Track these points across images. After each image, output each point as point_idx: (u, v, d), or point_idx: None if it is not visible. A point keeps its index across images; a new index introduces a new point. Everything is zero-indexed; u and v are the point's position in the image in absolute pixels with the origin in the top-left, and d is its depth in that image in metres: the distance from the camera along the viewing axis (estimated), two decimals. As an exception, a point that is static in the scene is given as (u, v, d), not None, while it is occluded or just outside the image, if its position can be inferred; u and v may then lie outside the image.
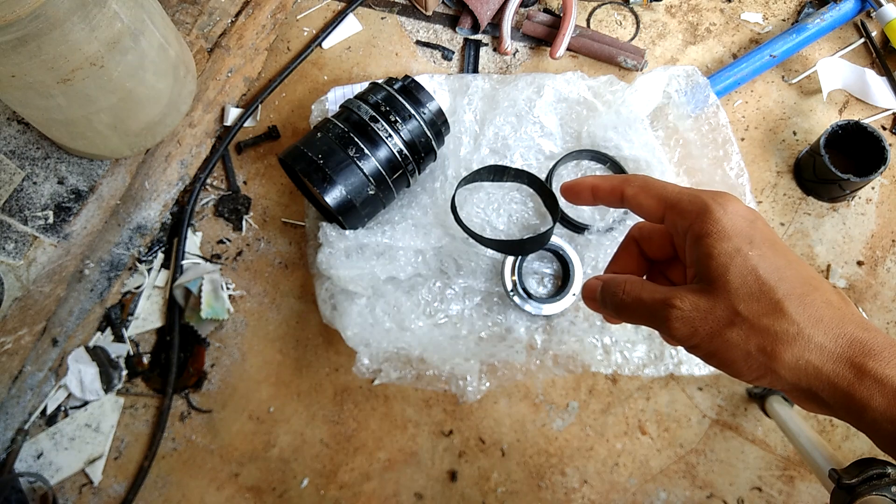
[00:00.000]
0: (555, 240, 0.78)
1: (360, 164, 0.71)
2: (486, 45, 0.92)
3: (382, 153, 0.72)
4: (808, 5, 0.93)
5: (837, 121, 0.80)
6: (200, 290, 0.80)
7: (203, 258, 0.84)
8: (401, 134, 0.73)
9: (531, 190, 0.81)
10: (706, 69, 0.90)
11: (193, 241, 0.84)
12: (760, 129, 0.88)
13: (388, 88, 0.74)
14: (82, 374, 0.79)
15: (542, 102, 0.83)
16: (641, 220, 0.42)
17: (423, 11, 0.93)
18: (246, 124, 0.88)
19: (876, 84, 0.87)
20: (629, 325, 0.78)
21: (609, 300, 0.40)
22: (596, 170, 0.83)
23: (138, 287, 0.83)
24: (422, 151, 0.75)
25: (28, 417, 0.78)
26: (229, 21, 0.90)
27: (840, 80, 0.87)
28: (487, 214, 0.81)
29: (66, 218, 0.80)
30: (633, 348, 0.78)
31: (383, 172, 0.72)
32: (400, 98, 0.73)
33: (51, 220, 0.79)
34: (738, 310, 0.34)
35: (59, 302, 0.79)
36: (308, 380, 0.80)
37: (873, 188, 0.85)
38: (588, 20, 0.93)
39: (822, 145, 0.79)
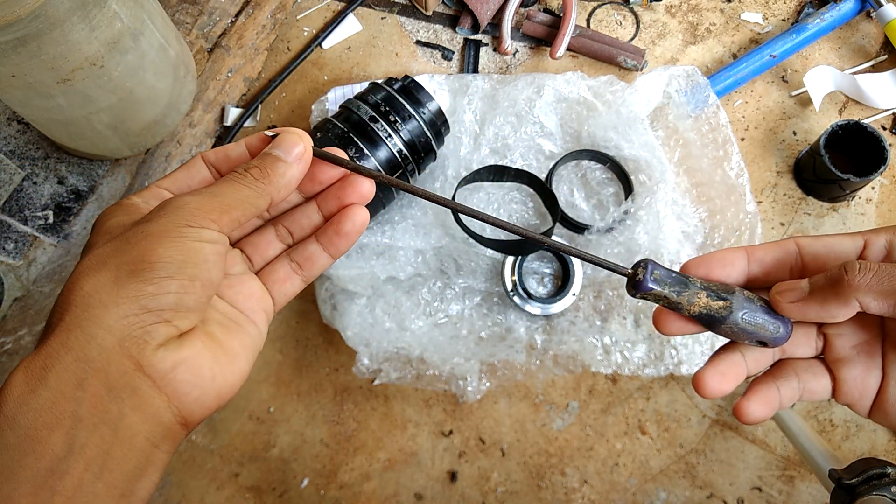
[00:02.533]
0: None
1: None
2: (486, 45, 0.92)
3: (382, 153, 0.72)
4: (808, 5, 0.93)
5: (837, 121, 0.80)
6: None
7: (203, 258, 0.84)
8: (400, 134, 0.73)
9: (531, 190, 0.81)
10: (706, 69, 0.90)
11: (193, 241, 0.84)
12: (760, 129, 0.88)
13: (388, 88, 0.74)
14: (82, 374, 0.79)
15: (542, 102, 0.83)
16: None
17: (423, 11, 0.93)
18: (246, 124, 0.88)
19: (868, 86, 0.87)
20: (629, 325, 0.78)
21: (837, 275, 0.35)
22: (596, 170, 0.83)
23: (138, 287, 0.83)
24: (422, 151, 0.75)
25: (28, 417, 0.78)
26: (229, 21, 0.90)
27: (832, 84, 0.87)
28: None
29: (66, 218, 0.80)
30: (633, 348, 0.78)
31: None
32: (400, 98, 0.73)
33: (51, 220, 0.79)
34: None
35: (59, 302, 0.79)
36: (308, 380, 0.80)
37: (873, 188, 0.85)
38: (588, 20, 0.93)
39: (822, 145, 0.79)
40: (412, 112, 0.73)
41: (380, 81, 0.76)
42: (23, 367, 0.29)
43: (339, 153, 0.39)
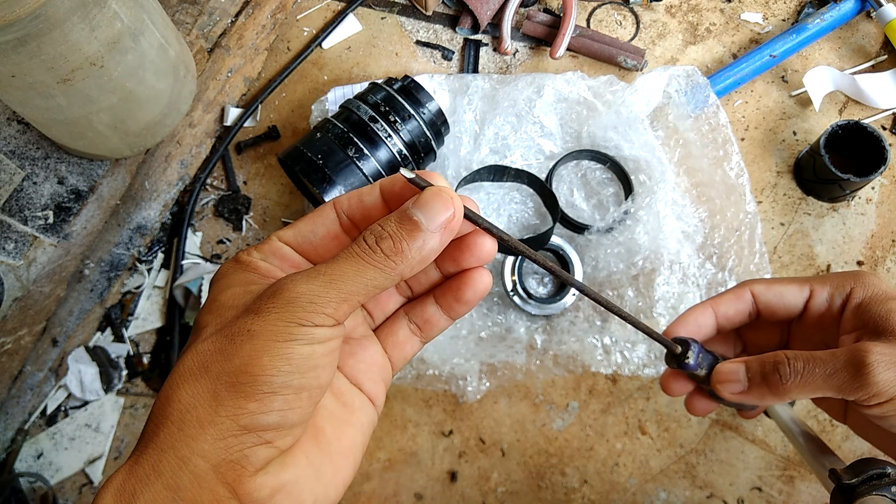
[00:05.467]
0: (555, 240, 0.78)
1: (359, 165, 0.71)
2: (486, 45, 0.92)
3: (382, 153, 0.72)
4: (808, 5, 0.93)
5: (837, 121, 0.80)
6: (200, 290, 0.80)
7: (203, 258, 0.84)
8: (400, 134, 0.73)
9: (531, 190, 0.81)
10: (706, 69, 0.90)
11: (193, 241, 0.84)
12: (760, 129, 0.88)
13: (388, 88, 0.74)
14: (82, 374, 0.79)
15: (542, 102, 0.83)
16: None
17: (423, 11, 0.93)
18: (246, 124, 0.88)
19: (868, 86, 0.87)
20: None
21: (770, 375, 0.41)
22: (596, 170, 0.83)
23: (138, 287, 0.83)
24: (421, 151, 0.75)
25: (28, 417, 0.78)
26: (229, 21, 0.90)
27: (831, 84, 0.87)
28: (487, 214, 0.81)
29: (66, 218, 0.80)
30: (633, 348, 0.78)
31: (383, 173, 0.72)
32: (399, 98, 0.73)
33: (51, 220, 0.79)
34: None
35: (59, 302, 0.79)
36: (308, 380, 0.80)
37: (873, 188, 0.85)
38: (588, 20, 0.93)
39: (822, 145, 0.79)
40: (412, 112, 0.73)
41: (380, 81, 0.76)
42: (113, 490, 0.28)
43: (473, 205, 0.34)
